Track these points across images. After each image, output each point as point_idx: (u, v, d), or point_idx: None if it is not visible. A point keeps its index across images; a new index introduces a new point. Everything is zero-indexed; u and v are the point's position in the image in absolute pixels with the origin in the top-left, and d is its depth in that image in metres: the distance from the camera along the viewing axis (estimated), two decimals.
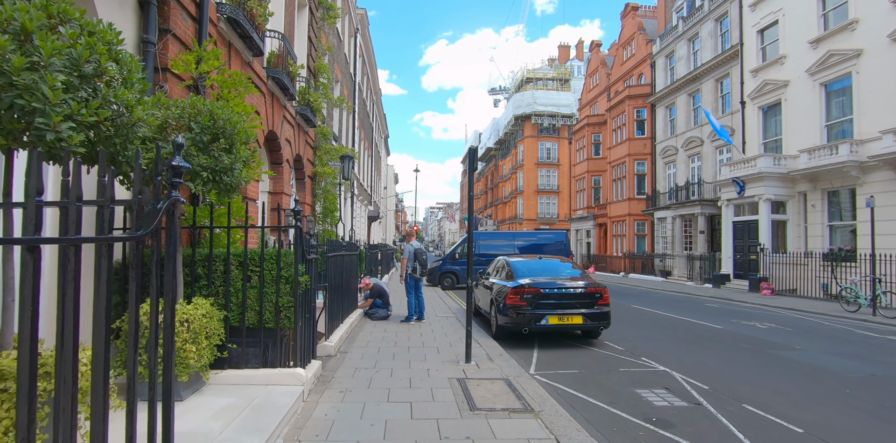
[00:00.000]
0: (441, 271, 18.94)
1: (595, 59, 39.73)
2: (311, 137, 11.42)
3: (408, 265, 8.98)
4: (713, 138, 23.65)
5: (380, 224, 40.98)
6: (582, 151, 39.17)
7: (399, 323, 8.74)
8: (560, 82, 58.55)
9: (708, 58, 24.36)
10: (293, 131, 9.63)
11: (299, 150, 10.19)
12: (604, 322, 7.21)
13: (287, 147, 9.16)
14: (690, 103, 26.33)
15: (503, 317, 7.36)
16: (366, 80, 26.50)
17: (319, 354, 5.87)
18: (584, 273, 8.16)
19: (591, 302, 7.18)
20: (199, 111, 3.43)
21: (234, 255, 4.17)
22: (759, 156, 18.85)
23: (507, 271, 8.13)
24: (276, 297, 4.08)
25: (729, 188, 20.24)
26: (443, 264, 19.27)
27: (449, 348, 6.66)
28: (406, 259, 9.02)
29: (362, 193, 25.10)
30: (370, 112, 29.83)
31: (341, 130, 17.58)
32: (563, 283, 7.33)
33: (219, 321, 3.91)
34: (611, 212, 33.12)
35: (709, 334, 8.83)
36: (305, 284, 4.24)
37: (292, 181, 10.60)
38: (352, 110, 20.72)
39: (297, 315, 4.09)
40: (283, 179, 8.90)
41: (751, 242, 19.49)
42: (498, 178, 65.54)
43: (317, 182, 11.65)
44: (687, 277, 23.28)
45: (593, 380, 5.50)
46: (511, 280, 7.70)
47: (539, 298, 7.09)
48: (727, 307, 13.64)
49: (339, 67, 16.30)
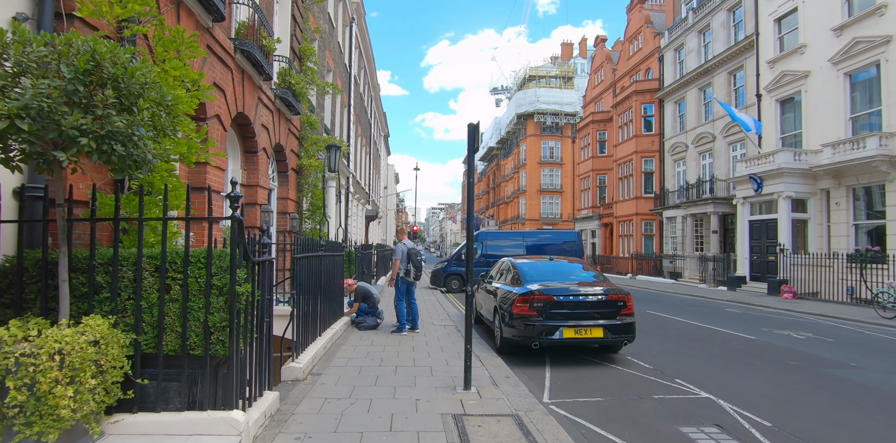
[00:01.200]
0: (446, 273, 18.03)
1: (600, 55, 38.63)
2: (296, 127, 10.36)
3: (400, 267, 7.91)
4: (726, 134, 22.55)
5: (379, 224, 39.90)
6: (586, 149, 38.06)
7: (389, 334, 7.65)
8: (563, 80, 57.50)
9: (720, 50, 23.25)
10: (272, 117, 8.57)
11: (280, 138, 9.13)
12: (627, 336, 6.11)
13: (264, 134, 8.10)
14: (701, 98, 25.22)
15: (509, 328, 6.27)
16: (363, 74, 25.45)
17: (286, 377, 4.79)
18: (602, 277, 7.06)
19: (613, 312, 6.08)
20: (74, 50, 2.36)
21: (150, 257, 3.08)
22: (777, 151, 17.74)
23: (514, 275, 7.03)
24: (206, 314, 3.00)
25: (744, 185, 19.12)
26: (448, 266, 18.37)
27: (445, 367, 5.57)
28: (398, 260, 7.91)
29: (359, 192, 24.04)
30: (368, 108, 28.78)
31: (334, 123, 16.52)
32: (580, 289, 6.23)
33: (122, 348, 2.83)
34: (617, 211, 32.01)
35: (743, 346, 7.73)
36: (248, 296, 3.16)
37: (272, 174, 9.54)
38: (347, 104, 19.66)
39: (233, 338, 3.01)
40: (259, 170, 7.84)
41: (769, 242, 18.36)
42: (500, 177, 64.45)
43: (303, 176, 10.58)
44: (699, 280, 22.15)
45: (624, 412, 4.41)
46: (518, 285, 6.60)
47: (551, 306, 5.99)
48: (750, 313, 12.52)
49: (331, 56, 15.25)
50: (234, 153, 7.58)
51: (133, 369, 2.93)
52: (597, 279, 6.90)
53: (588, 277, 7.00)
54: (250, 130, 7.54)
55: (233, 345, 3.00)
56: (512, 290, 6.58)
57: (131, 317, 3.00)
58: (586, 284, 6.57)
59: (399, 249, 7.96)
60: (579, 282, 6.68)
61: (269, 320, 3.78)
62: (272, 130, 8.55)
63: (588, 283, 6.64)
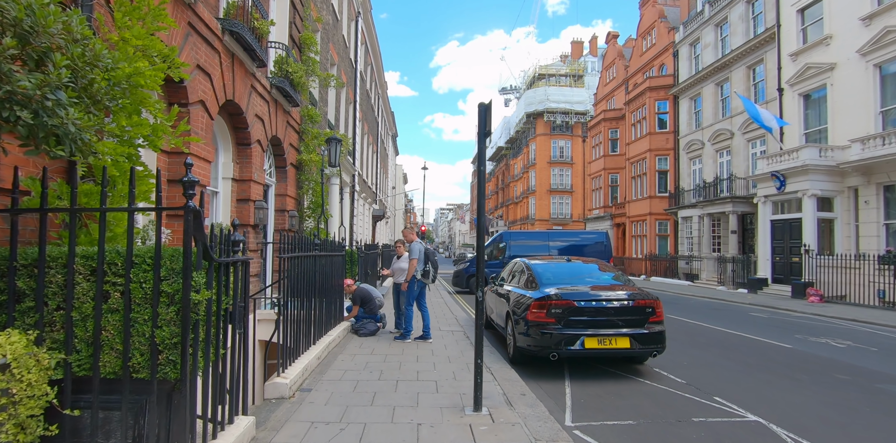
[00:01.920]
0: (468, 274, 17.84)
1: (612, 51, 37.83)
2: (296, 120, 9.80)
3: (417, 268, 7.24)
4: (745, 130, 21.72)
5: (387, 224, 39.40)
6: (598, 148, 37.25)
7: (393, 341, 7.04)
8: (573, 78, 56.67)
9: (738, 43, 22.43)
10: (267, 108, 8.01)
11: (277, 131, 8.57)
12: (657, 346, 5.45)
13: (258, 125, 7.54)
14: (718, 93, 24.38)
15: (524, 337, 5.64)
16: (370, 71, 24.92)
17: (270, 394, 4.19)
18: (625, 279, 6.39)
19: (641, 319, 5.43)
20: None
21: (84, 257, 2.49)
22: (802, 147, 16.92)
23: (528, 277, 6.38)
24: (152, 328, 2.41)
25: (766, 184, 18.30)
26: (470, 266, 18.25)
27: (452, 381, 4.95)
28: (415, 260, 7.20)
29: (365, 190, 23.50)
30: (375, 106, 28.26)
31: (339, 118, 15.98)
32: (602, 293, 5.58)
33: (45, 372, 2.25)
34: (630, 211, 31.19)
35: (781, 356, 7.02)
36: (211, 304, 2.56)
37: (269, 168, 8.98)
38: (353, 100, 19.13)
39: (186, 357, 2.41)
40: (253, 163, 7.27)
41: (792, 242, 17.52)
42: (509, 177, 63.73)
43: (304, 172, 10.01)
44: (717, 281, 21.32)
45: (663, 441, 3.76)
46: (533, 289, 5.96)
47: (571, 313, 5.35)
48: (778, 318, 11.77)
49: (335, 49, 14.70)
50: (226, 145, 7.02)
51: (61, 397, 2.34)
52: (620, 282, 6.24)
53: (611, 280, 6.33)
54: (242, 120, 6.97)
55: (185, 366, 2.40)
56: (526, 294, 5.95)
57: (61, 332, 2.42)
58: (609, 287, 5.90)
59: (416, 249, 7.28)
60: (601, 285, 6.02)
61: (244, 332, 3.18)
62: (268, 121, 7.99)
63: (611, 286, 5.98)
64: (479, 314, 4.08)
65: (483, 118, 3.89)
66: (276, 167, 9.23)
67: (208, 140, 5.75)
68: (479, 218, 3.86)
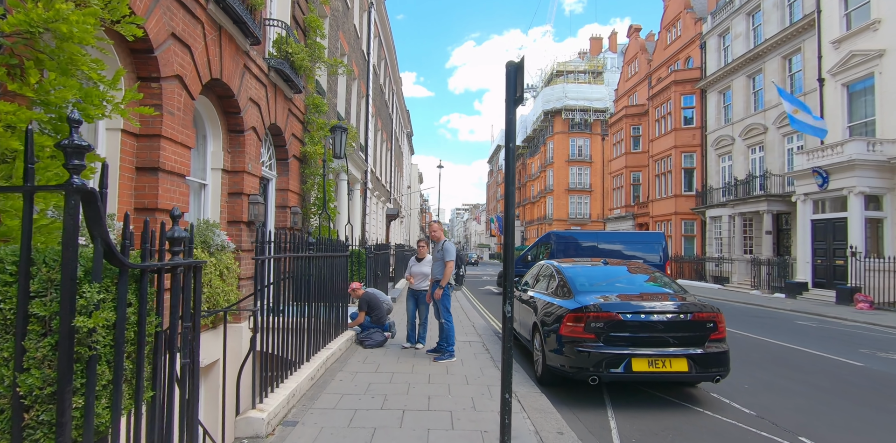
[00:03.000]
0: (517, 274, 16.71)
1: (634, 45, 36.53)
2: (299, 108, 9.01)
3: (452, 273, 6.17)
4: (780, 124, 20.42)
5: (401, 224, 38.66)
6: (619, 145, 36.00)
7: (402, 354, 6.15)
8: (592, 75, 55.30)
9: (773, 32, 21.14)
10: (265, 92, 7.21)
11: (277, 119, 7.77)
12: (720, 370, 4.47)
13: (253, 111, 6.74)
14: (750, 86, 23.09)
15: (556, 355, 4.72)
16: (383, 65, 24.15)
17: (242, 433, 3.34)
18: (677, 287, 5.41)
19: (700, 336, 4.47)
20: None
21: None
22: (847, 141, 15.66)
23: (559, 283, 5.44)
24: (13, 371, 1.57)
25: (807, 180, 17.03)
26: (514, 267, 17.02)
27: (471, 412, 4.05)
28: (452, 263, 6.06)
29: (378, 188, 22.73)
30: (389, 102, 27.49)
31: (350, 112, 15.20)
32: (653, 304, 4.63)
33: None
34: (653, 211, 29.93)
35: (855, 377, 5.98)
36: (106, 331, 1.71)
37: (269, 161, 8.19)
38: (365, 94, 18.36)
39: (65, 413, 1.56)
40: (246, 153, 6.47)
41: (836, 244, 16.25)
42: (526, 177, 62.58)
43: (308, 165, 9.21)
44: (750, 285, 20.06)
45: None
46: (566, 297, 5.03)
47: (615, 328, 4.42)
48: (829, 327, 10.63)
49: (345, 38, 13.92)
50: (215, 132, 6.23)
51: None
52: (670, 290, 5.26)
53: (658, 288, 5.36)
54: (233, 103, 6.18)
55: (64, 429, 1.55)
56: (558, 303, 5.02)
57: None
58: (659, 296, 4.94)
59: (452, 250, 6.15)
60: (648, 293, 5.06)
61: (191, 362, 2.33)
62: (265, 107, 7.19)
63: (661, 295, 5.01)
64: (507, 336, 3.18)
65: (513, 81, 3.00)
66: (277, 160, 8.44)
67: (188, 123, 4.95)
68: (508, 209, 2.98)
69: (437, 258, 6.24)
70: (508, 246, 3.14)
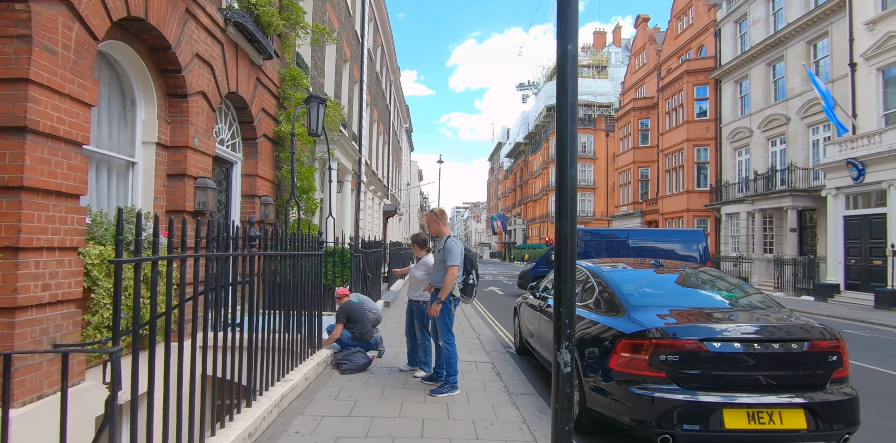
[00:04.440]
0: (534, 275, 15.50)
1: (642, 36, 35.09)
2: (272, 80, 7.59)
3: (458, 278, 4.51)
4: (804, 114, 19.02)
5: (400, 221, 37.27)
6: (626, 140, 34.60)
7: (387, 384, 4.76)
8: (596, 70, 53.88)
9: (796, 15, 19.71)
10: (220, 51, 5.79)
11: (240, 87, 6.36)
12: (849, 425, 3.02)
13: (202, 71, 5.33)
14: (770, 74, 21.67)
15: (602, 397, 3.32)
16: (380, 53, 22.72)
17: None
18: (770, 300, 3.92)
19: (820, 375, 3.05)
20: None
21: None
22: (886, 129, 14.27)
23: (601, 292, 4.00)
24: None
25: (839, 173, 15.63)
26: (536, 267, 15.89)
27: None
28: (456, 268, 4.43)
29: (375, 183, 21.32)
30: (386, 92, 26.05)
31: (340, 95, 13.77)
32: (749, 327, 3.21)
33: None
34: (663, 207, 28.52)
35: None
36: None
37: (231, 139, 6.78)
38: (359, 80, 16.94)
39: None
40: (191, 123, 5.06)
41: (872, 242, 14.85)
42: (527, 174, 61.19)
43: (285, 148, 7.79)
44: (773, 287, 18.66)
45: None
46: (613, 313, 3.61)
47: (697, 362, 2.99)
48: (888, 338, 9.24)
49: (334, 12, 12.49)
50: (146, 95, 4.81)
51: None
52: (762, 304, 3.80)
53: (744, 300, 3.90)
54: (171, 57, 4.77)
55: None
56: (602, 321, 3.60)
57: None
58: (751, 314, 3.47)
59: (454, 249, 4.47)
60: (734, 310, 3.62)
61: None
62: (221, 70, 5.79)
63: (754, 313, 3.53)
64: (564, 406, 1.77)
65: None
66: (244, 140, 7.03)
67: (84, 70, 3.54)
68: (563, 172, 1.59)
69: (439, 260, 4.63)
70: (564, 240, 1.73)
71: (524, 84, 71.47)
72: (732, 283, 4.27)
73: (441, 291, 4.46)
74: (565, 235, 1.80)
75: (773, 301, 3.88)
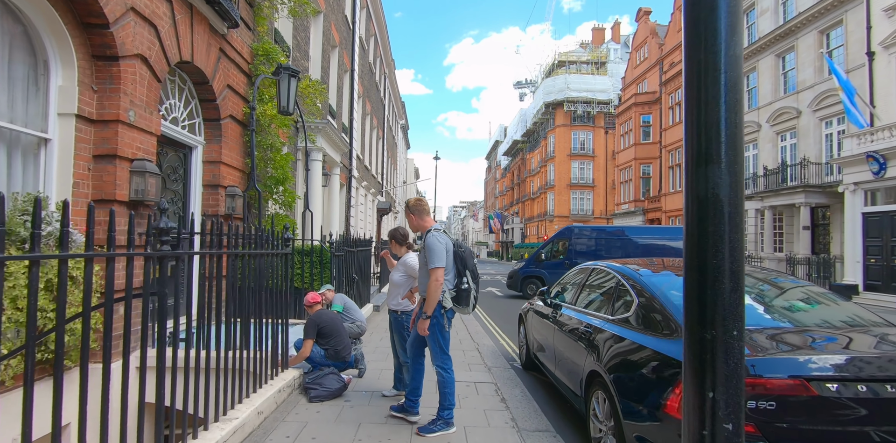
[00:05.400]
0: (524, 275, 15.18)
1: (643, 29, 34.22)
2: (241, 54, 6.63)
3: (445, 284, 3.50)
4: (817, 107, 18.16)
5: (395, 219, 36.31)
6: (627, 136, 33.73)
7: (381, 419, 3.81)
8: (595, 66, 52.98)
9: (808, 4, 18.84)
10: (169, 10, 4.83)
11: (196, 56, 5.40)
12: None
13: (140, 30, 4.37)
14: (779, 66, 20.82)
15: None
16: (374, 43, 21.75)
17: None
18: (874, 316, 2.96)
19: None
20: None
21: None
22: None
23: (645, 306, 2.99)
24: None
25: (857, 168, 14.78)
26: (526, 267, 15.38)
27: None
28: (440, 270, 3.42)
29: (368, 179, 20.36)
30: (381, 86, 25.08)
31: (327, 82, 12.81)
32: (878, 358, 2.23)
33: None
34: (666, 205, 27.69)
35: None
36: None
37: (189, 119, 5.81)
38: (350, 68, 15.98)
39: None
40: (124, 93, 4.10)
41: (895, 240, 14.00)
42: (525, 172, 60.33)
43: (260, 133, 6.82)
44: None
45: None
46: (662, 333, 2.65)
47: (804, 411, 2.03)
48: None
49: None
50: (65, 55, 3.85)
51: None
52: (866, 320, 2.85)
53: (847, 315, 2.92)
54: (95, 8, 3.82)
55: None
56: (653, 346, 2.60)
57: None
58: (867, 336, 2.55)
59: (434, 246, 3.44)
60: (842, 329, 2.66)
61: None
62: (170, 33, 4.83)
63: (870, 333, 2.60)
64: None
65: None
66: (206, 121, 6.06)
67: None
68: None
69: (423, 262, 3.63)
70: (711, 206, 0.79)
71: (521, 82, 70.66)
72: (812, 291, 3.34)
73: (426, 303, 3.44)
74: (716, 194, 0.84)
75: (881, 319, 2.94)
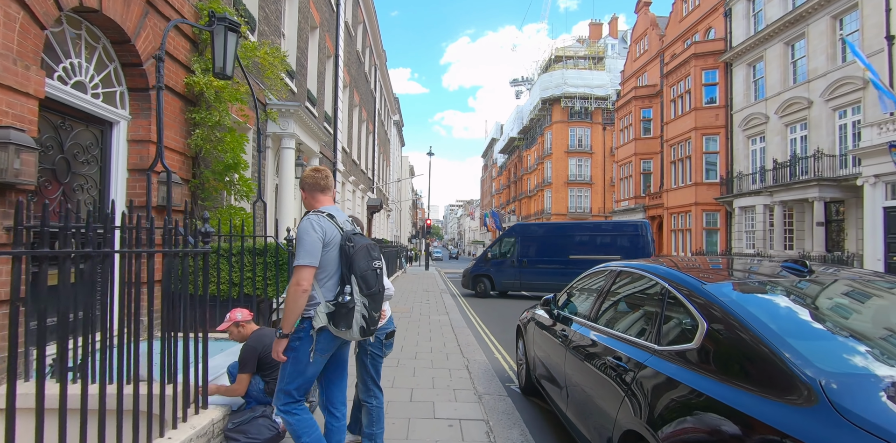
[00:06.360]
0: (473, 274, 16.18)
1: (643, 21, 33.18)
2: (181, 13, 5.52)
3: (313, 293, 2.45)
4: (830, 96, 17.15)
5: (388, 217, 35.18)
6: (627, 131, 32.70)
7: None
8: (593, 61, 51.86)
9: None
10: None
11: (107, 5, 4.28)
12: None
13: None
14: (788, 54, 19.80)
15: None
16: (362, 30, 20.63)
17: None
18: None
19: None
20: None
21: None
22: None
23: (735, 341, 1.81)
24: None
25: (878, 159, 13.77)
26: (476, 265, 16.36)
27: None
28: (306, 269, 2.38)
29: (356, 174, 19.25)
30: (371, 77, 23.95)
31: (306, 67, 11.68)
32: None
33: None
34: (668, 201, 26.65)
35: None
36: None
37: (83, 78, 4.69)
38: (333, 54, 14.87)
39: None
40: None
41: None
42: (522, 170, 59.30)
43: (206, 109, 5.70)
44: None
45: None
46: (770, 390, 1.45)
47: None
48: None
49: None
50: None
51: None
52: None
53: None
54: None
55: None
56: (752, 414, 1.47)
57: None
58: None
59: (305, 235, 2.41)
60: None
61: None
62: None
63: None
64: None
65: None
66: (131, 90, 4.95)
67: None
68: None
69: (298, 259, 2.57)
70: None
71: (518, 80, 69.74)
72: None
73: (283, 317, 2.41)
74: None
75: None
